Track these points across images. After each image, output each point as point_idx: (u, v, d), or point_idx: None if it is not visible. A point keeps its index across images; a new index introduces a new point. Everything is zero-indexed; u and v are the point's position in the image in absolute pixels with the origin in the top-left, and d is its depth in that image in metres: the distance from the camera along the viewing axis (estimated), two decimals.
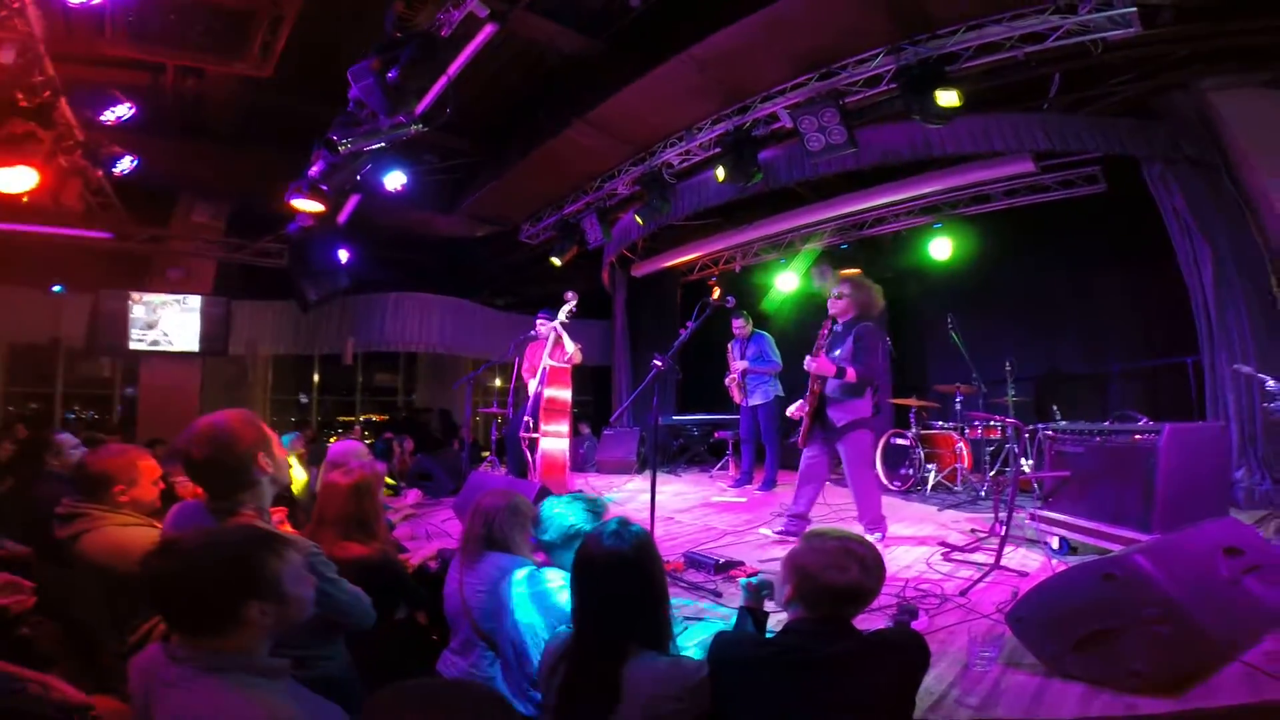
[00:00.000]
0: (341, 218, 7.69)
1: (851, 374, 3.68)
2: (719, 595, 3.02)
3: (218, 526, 1.44)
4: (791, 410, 4.13)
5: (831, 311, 3.94)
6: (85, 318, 8.60)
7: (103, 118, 5.55)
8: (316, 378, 11.79)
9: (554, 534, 2.24)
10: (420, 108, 5.01)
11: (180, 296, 8.47)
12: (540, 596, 2.09)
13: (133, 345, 8.31)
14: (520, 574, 2.20)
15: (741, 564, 3.45)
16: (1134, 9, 3.73)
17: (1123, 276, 6.16)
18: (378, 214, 8.01)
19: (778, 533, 4.06)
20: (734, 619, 1.97)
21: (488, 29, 4.60)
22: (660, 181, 6.58)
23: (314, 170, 5.72)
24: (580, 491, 3.01)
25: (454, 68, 4.91)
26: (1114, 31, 3.88)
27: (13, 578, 2.47)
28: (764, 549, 3.92)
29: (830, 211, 7.14)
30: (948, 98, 4.38)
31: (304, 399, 12.05)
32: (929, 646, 1.67)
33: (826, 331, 3.95)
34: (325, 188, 5.99)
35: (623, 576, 1.64)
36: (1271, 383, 3.16)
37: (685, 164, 6.54)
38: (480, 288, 11.37)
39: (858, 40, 4.71)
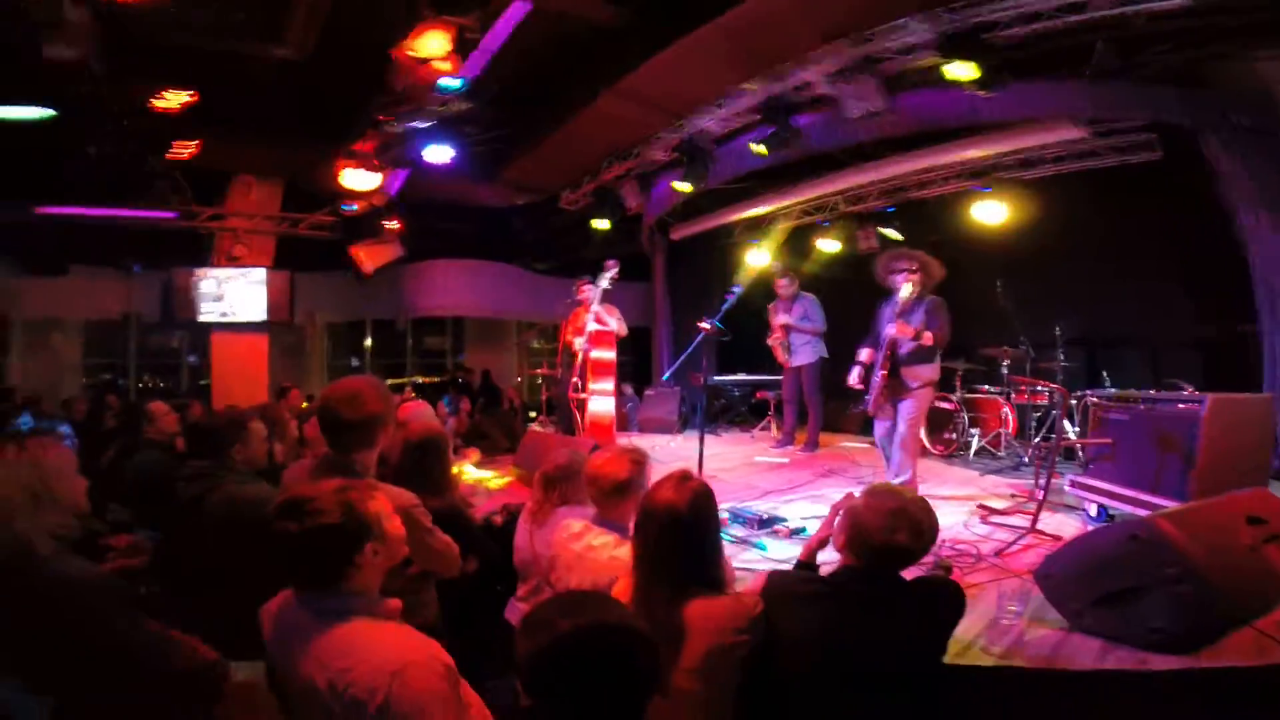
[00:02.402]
0: (392, 189, 7.94)
1: (929, 338, 4.01)
2: (764, 549, 3.24)
3: (326, 482, 1.46)
4: (852, 380, 4.37)
5: (902, 283, 4.17)
6: (157, 294, 9.18)
7: (163, 105, 5.78)
8: (369, 342, 12.32)
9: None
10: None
11: (245, 270, 8.96)
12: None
13: (202, 318, 8.86)
14: (575, 526, 2.32)
15: (784, 520, 3.66)
16: None
17: (1178, 244, 5.97)
18: (424, 186, 8.24)
19: None
20: None
21: (521, 5, 4.64)
22: (698, 148, 6.59)
23: (365, 147, 5.95)
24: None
25: (495, 43, 5.00)
26: (1157, 3, 3.75)
27: (136, 538, 2.76)
28: (808, 507, 4.11)
29: (872, 175, 7.04)
30: (964, 70, 4.34)
31: (355, 363, 12.62)
32: (964, 595, 1.79)
33: (886, 302, 4.25)
34: (376, 163, 6.23)
35: (680, 528, 1.75)
36: None
37: (723, 130, 6.52)
38: (522, 253, 11.58)
39: (891, 6, 4.60)
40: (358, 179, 6.15)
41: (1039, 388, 5.42)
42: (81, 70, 4.63)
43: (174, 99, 5.30)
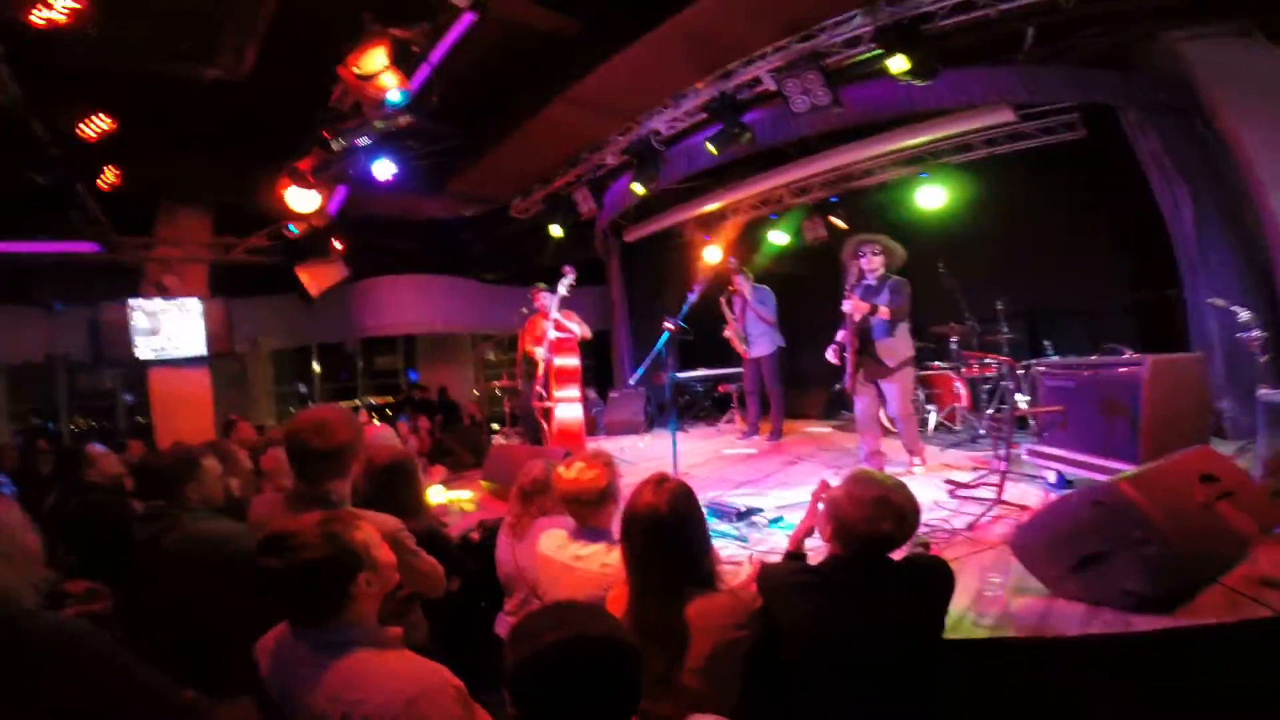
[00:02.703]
0: (332, 209, 7.70)
1: (884, 312, 4.30)
2: (745, 541, 3.28)
3: (307, 516, 1.44)
4: (830, 355, 4.67)
5: (867, 268, 4.50)
6: (83, 332, 8.60)
7: (83, 133, 5.48)
8: (317, 367, 11.91)
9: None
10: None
11: (179, 301, 8.52)
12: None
13: (138, 354, 8.39)
14: (559, 537, 2.29)
15: (761, 511, 3.72)
16: None
17: (1107, 216, 6.33)
18: (366, 202, 8.03)
19: None
20: None
21: (467, 17, 4.58)
22: (649, 150, 6.62)
23: (305, 166, 5.75)
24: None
25: (437, 56, 4.91)
26: None
27: (92, 584, 2.54)
28: (781, 497, 4.18)
29: (817, 167, 7.21)
30: (898, 64, 4.54)
31: (303, 389, 12.18)
32: (952, 571, 1.83)
33: (853, 282, 4.52)
34: (317, 182, 6.03)
35: (664, 529, 1.76)
36: (1245, 313, 3.38)
37: (673, 131, 6.57)
38: (473, 265, 11.41)
39: (835, 2, 4.74)
40: (300, 199, 5.94)
41: (988, 360, 5.66)
42: None
43: (97, 126, 5.00)
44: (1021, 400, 5.41)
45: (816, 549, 2.22)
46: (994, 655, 2.05)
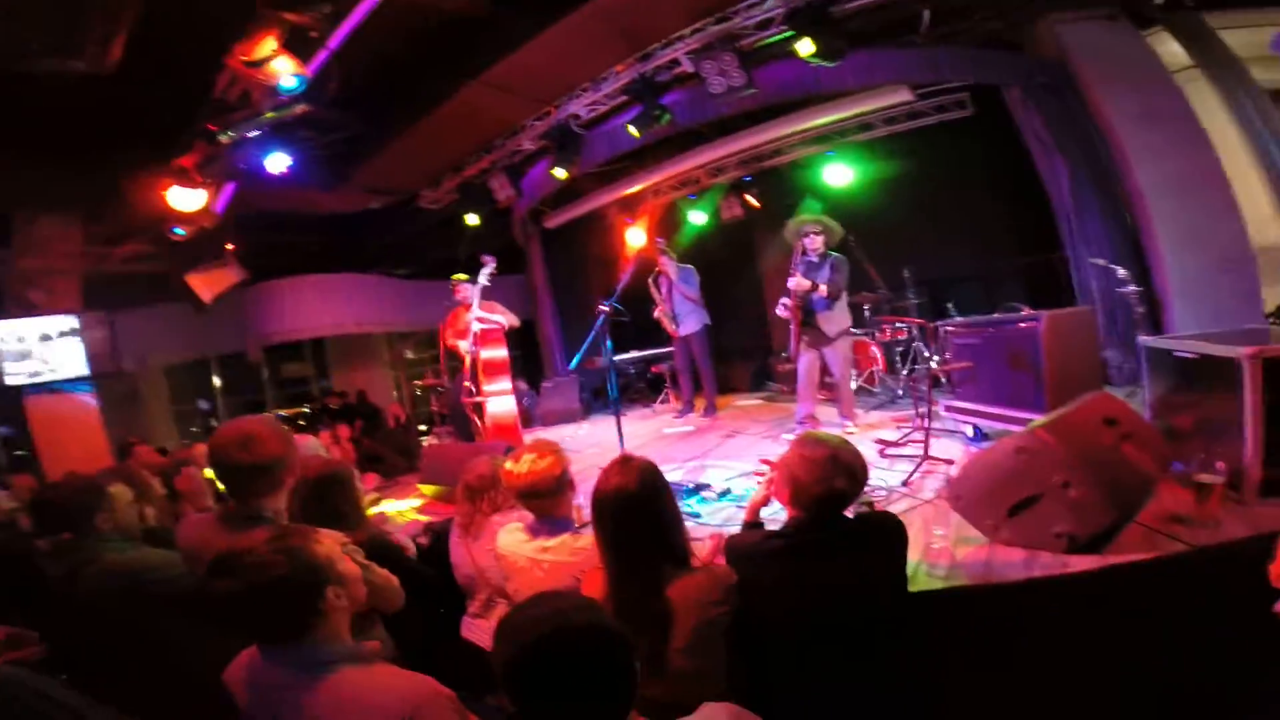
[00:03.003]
0: (219, 207, 7.10)
1: (823, 290, 4.68)
2: (698, 517, 3.36)
3: (255, 533, 1.35)
4: (780, 311, 4.92)
5: (810, 247, 4.84)
6: None
7: None
8: (217, 380, 11.04)
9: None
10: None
11: (51, 319, 7.62)
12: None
13: (9, 381, 7.45)
14: (518, 532, 2.25)
15: (709, 486, 3.82)
16: None
17: (996, 188, 6.85)
18: (260, 198, 7.44)
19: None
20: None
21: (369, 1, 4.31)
22: (569, 134, 6.52)
23: (189, 162, 5.26)
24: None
25: (335, 41, 4.60)
26: None
27: (15, 630, 2.37)
28: (726, 469, 4.32)
29: (732, 147, 7.36)
30: (806, 47, 4.76)
31: (205, 405, 11.27)
32: (904, 525, 1.93)
33: (798, 259, 4.82)
34: (203, 179, 5.54)
35: (634, 509, 1.77)
36: (1122, 271, 3.80)
37: (593, 114, 6.49)
38: (381, 260, 10.88)
39: None
40: (184, 198, 5.43)
41: (900, 325, 6.03)
42: None
43: None
44: (933, 360, 5.83)
45: (772, 517, 2.32)
46: (949, 604, 2.19)
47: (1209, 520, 2.31)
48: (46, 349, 7.59)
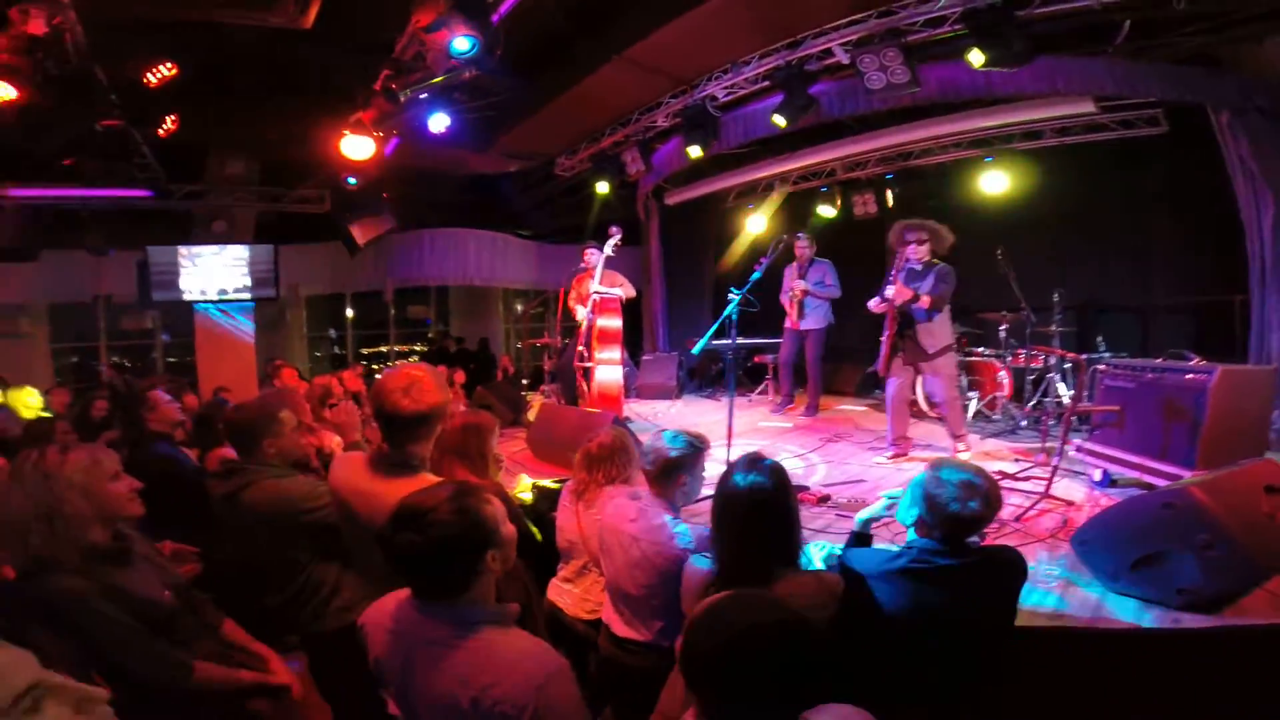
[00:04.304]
0: (384, 158, 7.72)
1: (925, 300, 4.33)
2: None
3: (436, 490, 1.41)
4: (872, 304, 4.65)
5: (913, 255, 4.50)
6: (130, 273, 8.79)
7: (147, 79, 5.51)
8: (350, 313, 12.10)
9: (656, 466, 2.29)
10: None
11: (227, 247, 8.68)
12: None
13: (186, 296, 8.60)
14: (638, 513, 2.28)
15: (806, 489, 3.80)
16: None
17: (1172, 215, 6.17)
18: (413, 154, 8.01)
19: (890, 457, 4.61)
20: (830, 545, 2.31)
21: None
22: (704, 114, 6.51)
23: (367, 117, 5.76)
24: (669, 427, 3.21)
25: (506, 6, 4.85)
26: None
27: (180, 546, 2.66)
28: (825, 473, 4.32)
29: (876, 143, 7.05)
30: (976, 58, 4.46)
31: (334, 334, 12.41)
32: (1025, 562, 1.90)
33: (900, 265, 4.51)
34: (377, 133, 6.05)
35: (765, 509, 1.81)
36: None
37: (730, 96, 6.44)
38: (511, 220, 11.40)
39: None
40: (356, 146, 5.97)
41: (1058, 358, 5.54)
42: (60, 44, 4.38)
43: (160, 73, 5.01)
44: (1065, 394, 5.40)
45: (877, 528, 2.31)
46: (1052, 643, 2.15)
47: None
48: (218, 272, 8.67)
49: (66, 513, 1.74)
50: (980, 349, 6.40)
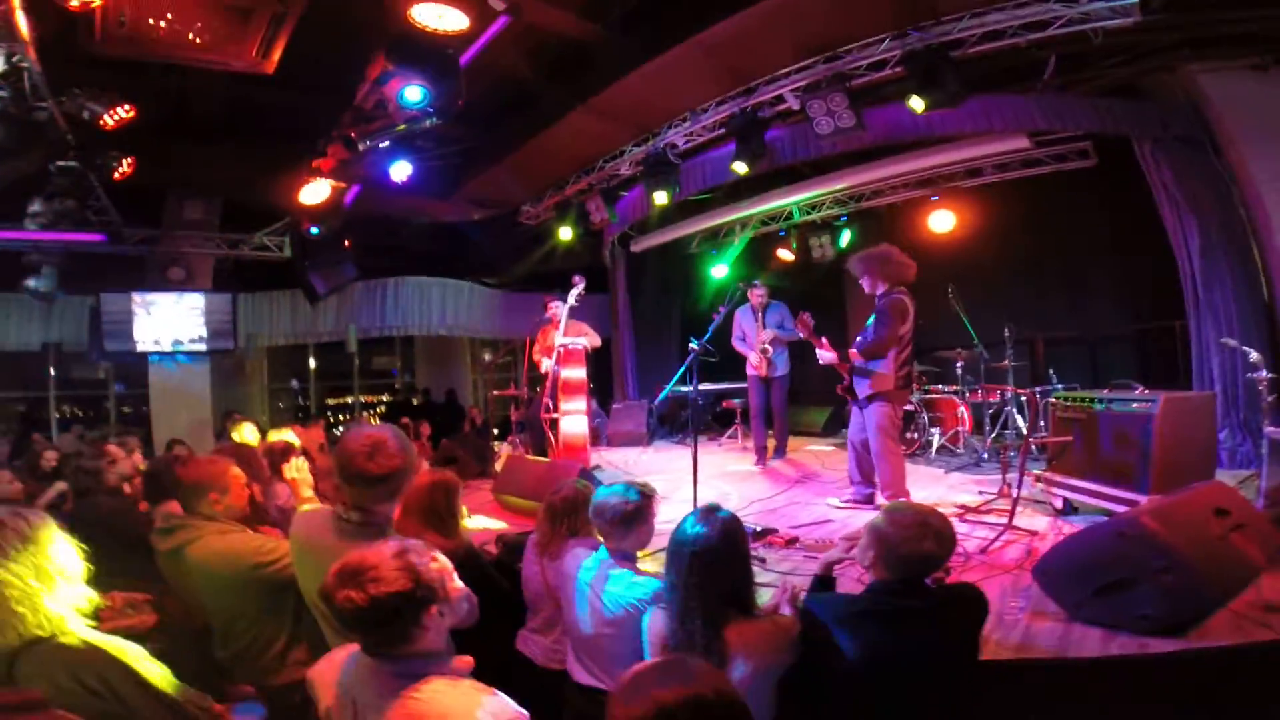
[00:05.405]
0: (344, 207, 7.71)
1: (854, 355, 4.11)
2: (763, 561, 3.29)
3: (378, 547, 1.43)
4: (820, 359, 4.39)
5: (868, 290, 4.26)
6: (81, 320, 8.51)
7: (104, 121, 5.46)
8: (313, 363, 11.85)
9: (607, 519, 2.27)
10: None
11: (183, 294, 8.47)
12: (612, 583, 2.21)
13: (140, 347, 8.32)
14: (596, 564, 2.28)
15: (776, 531, 3.76)
16: (1135, 0, 3.91)
17: (1112, 246, 6.46)
18: (376, 202, 8.04)
19: (846, 501, 4.45)
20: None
21: (501, 20, 4.64)
22: (665, 162, 6.68)
23: (325, 164, 5.77)
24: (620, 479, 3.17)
25: (467, 58, 4.97)
26: (1114, 20, 4.08)
27: (131, 595, 2.47)
28: (794, 515, 4.26)
29: (829, 185, 7.34)
30: (917, 104, 4.64)
31: (296, 385, 12.11)
32: (986, 597, 1.91)
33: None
34: (335, 181, 6.06)
35: (713, 558, 1.82)
36: (1254, 354, 3.49)
37: (690, 144, 6.65)
38: (476, 269, 11.43)
39: (864, 26, 4.85)
40: (316, 196, 5.95)
41: (1007, 394, 5.70)
42: (18, 82, 4.34)
43: (118, 115, 4.98)
44: (1022, 425, 5.54)
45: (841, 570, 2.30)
46: (1020, 675, 2.13)
47: None
48: (174, 321, 8.43)
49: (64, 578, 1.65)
50: (939, 386, 6.55)
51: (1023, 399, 5.63)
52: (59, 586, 1.62)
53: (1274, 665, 2.11)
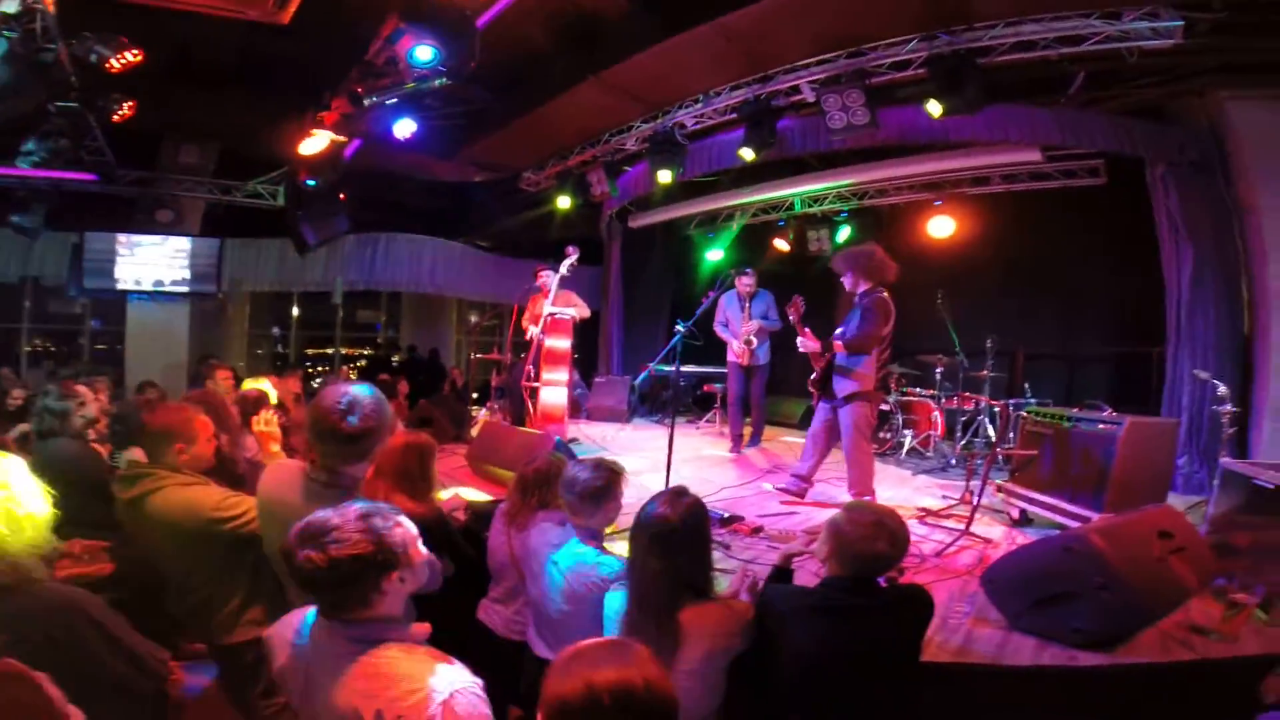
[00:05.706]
0: (344, 160, 7.58)
1: (839, 347, 4.07)
2: (727, 548, 3.37)
3: (344, 509, 1.39)
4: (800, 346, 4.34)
5: (849, 288, 4.23)
6: (64, 258, 8.37)
7: (110, 64, 5.32)
8: (296, 312, 11.73)
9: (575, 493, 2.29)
10: None
11: (167, 236, 8.35)
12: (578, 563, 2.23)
13: (120, 286, 8.22)
14: (566, 544, 2.30)
15: (742, 519, 3.84)
16: (1180, 23, 3.84)
17: (1105, 267, 6.50)
18: (376, 157, 7.91)
19: (779, 488, 4.52)
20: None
21: None
22: (672, 141, 6.62)
23: (329, 118, 5.66)
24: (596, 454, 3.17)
25: (483, 21, 4.87)
26: (1153, 41, 4.01)
27: (91, 543, 2.51)
28: (761, 504, 4.34)
29: (835, 180, 7.31)
30: (935, 109, 4.58)
31: (277, 332, 11.99)
32: (932, 600, 1.99)
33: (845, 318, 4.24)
34: (338, 134, 5.96)
35: (673, 540, 1.87)
36: (1223, 388, 3.62)
37: (699, 125, 6.59)
38: (470, 230, 11.32)
39: (892, 25, 4.77)
40: (316, 148, 5.85)
41: (982, 404, 5.81)
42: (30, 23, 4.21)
43: (125, 59, 4.85)
44: (991, 433, 5.68)
45: (800, 562, 2.38)
46: (956, 679, 2.23)
47: (1229, 636, 2.37)
48: (158, 262, 8.32)
49: (30, 526, 1.65)
50: (916, 389, 6.65)
51: (996, 410, 5.75)
52: (26, 532, 1.62)
53: (1194, 684, 2.22)
